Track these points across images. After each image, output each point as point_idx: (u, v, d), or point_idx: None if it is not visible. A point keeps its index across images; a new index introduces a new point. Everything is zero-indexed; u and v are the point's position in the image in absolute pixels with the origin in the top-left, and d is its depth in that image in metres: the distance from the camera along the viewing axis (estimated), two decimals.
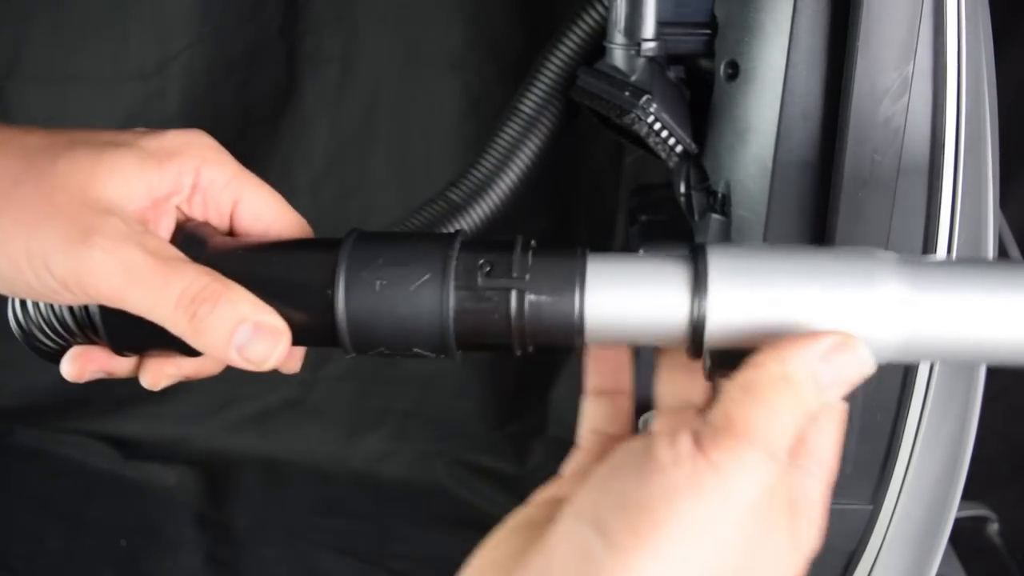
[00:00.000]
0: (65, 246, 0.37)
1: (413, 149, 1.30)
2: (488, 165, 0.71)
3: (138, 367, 0.45)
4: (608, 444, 0.42)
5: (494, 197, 0.71)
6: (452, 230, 0.70)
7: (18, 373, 1.38)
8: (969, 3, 0.56)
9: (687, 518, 0.30)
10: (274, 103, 1.28)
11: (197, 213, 0.43)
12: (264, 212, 0.44)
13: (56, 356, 0.45)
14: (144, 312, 0.38)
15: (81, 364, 0.44)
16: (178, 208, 0.43)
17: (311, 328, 0.40)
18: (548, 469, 1.53)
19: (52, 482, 1.35)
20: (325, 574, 1.24)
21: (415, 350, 0.40)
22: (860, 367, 0.35)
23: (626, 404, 0.43)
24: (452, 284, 0.38)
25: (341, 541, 1.28)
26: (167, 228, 0.42)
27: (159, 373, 0.45)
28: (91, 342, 0.44)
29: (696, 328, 0.37)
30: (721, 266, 0.37)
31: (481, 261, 0.39)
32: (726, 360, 0.38)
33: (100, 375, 0.44)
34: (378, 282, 0.39)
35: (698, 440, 0.31)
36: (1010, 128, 0.65)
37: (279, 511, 1.33)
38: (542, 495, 0.40)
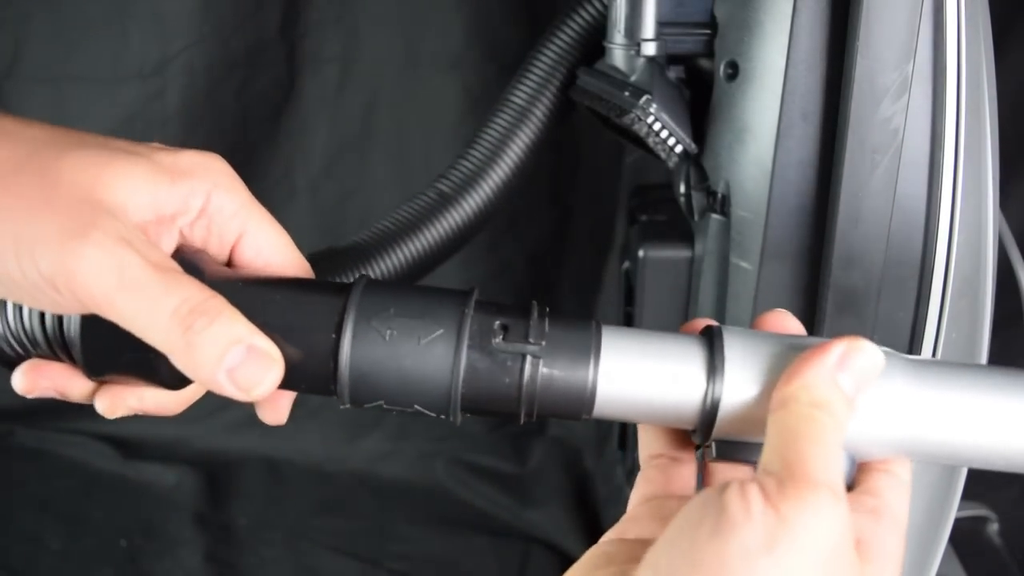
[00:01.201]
0: (59, 239, 0.35)
1: (413, 149, 1.30)
2: (479, 157, 0.70)
3: (94, 392, 0.42)
4: (671, 468, 0.42)
5: (486, 189, 0.70)
6: (443, 223, 0.69)
7: None
8: (969, 3, 0.56)
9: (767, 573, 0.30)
10: (274, 103, 1.28)
11: (198, 239, 0.41)
12: (266, 248, 0.42)
13: (12, 364, 0.42)
14: (132, 321, 0.36)
15: (33, 379, 0.41)
16: (180, 231, 0.40)
17: (308, 373, 0.38)
18: (548, 469, 1.52)
19: (52, 482, 1.34)
20: (325, 574, 1.24)
21: (416, 407, 0.38)
22: (874, 362, 0.35)
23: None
24: (466, 343, 0.37)
25: (341, 541, 1.28)
26: (167, 248, 0.40)
27: (118, 402, 0.42)
28: (56, 358, 0.41)
29: (708, 413, 0.37)
30: (736, 350, 0.37)
31: (497, 323, 0.37)
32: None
33: (51, 393, 0.42)
34: (388, 332, 0.37)
35: (766, 493, 0.31)
36: (1010, 128, 0.65)
37: (279, 511, 1.33)
38: (611, 534, 0.40)
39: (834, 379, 0.34)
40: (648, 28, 0.63)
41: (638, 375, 0.38)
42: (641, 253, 0.74)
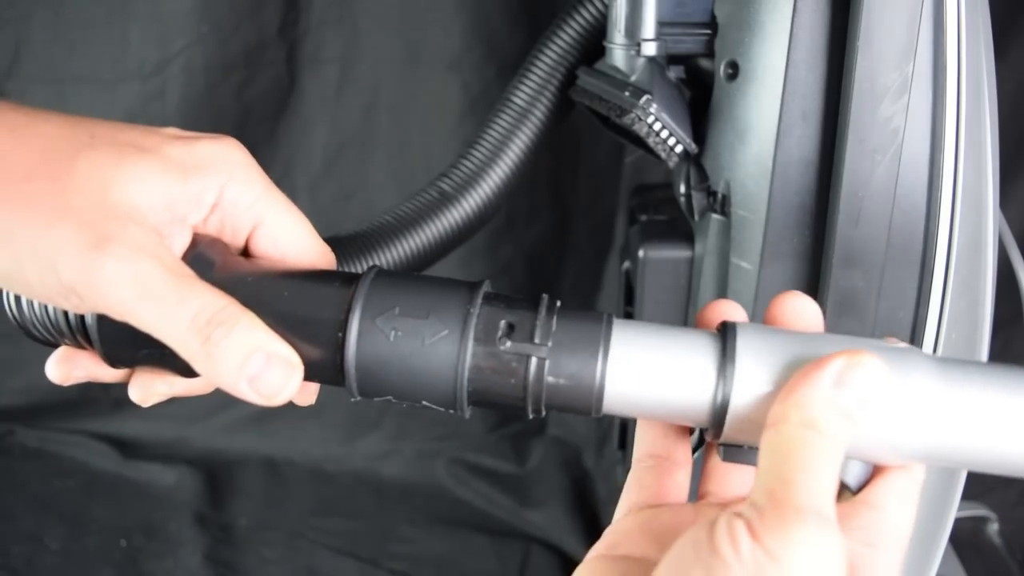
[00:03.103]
0: (77, 251, 0.35)
1: (413, 149, 1.30)
2: (480, 156, 0.71)
3: (128, 377, 0.43)
4: (665, 471, 0.41)
5: (486, 188, 0.71)
6: (445, 221, 0.70)
7: (18, 373, 1.38)
8: (969, 3, 0.56)
9: None
10: (274, 103, 1.28)
11: (212, 230, 0.41)
12: (283, 238, 0.42)
13: (50, 345, 0.43)
14: (152, 329, 0.36)
15: (67, 369, 0.42)
16: (193, 225, 0.40)
17: (319, 367, 0.38)
18: (548, 469, 1.52)
19: (52, 482, 1.35)
20: (325, 574, 1.24)
21: (424, 403, 0.38)
22: (877, 379, 0.34)
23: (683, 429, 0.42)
24: (471, 343, 0.37)
25: (341, 541, 1.29)
26: (181, 244, 0.39)
27: (149, 390, 0.43)
28: (82, 347, 0.42)
29: (719, 410, 0.36)
30: (750, 348, 0.36)
31: (503, 322, 0.37)
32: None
33: (86, 379, 0.43)
34: (392, 332, 0.37)
35: (752, 529, 0.30)
36: (1010, 128, 0.65)
37: (279, 511, 1.33)
38: (600, 548, 0.39)
39: (830, 397, 0.33)
40: (648, 28, 0.63)
41: (648, 373, 0.37)
42: (641, 253, 0.74)
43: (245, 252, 0.42)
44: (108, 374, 0.43)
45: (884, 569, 0.34)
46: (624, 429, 0.88)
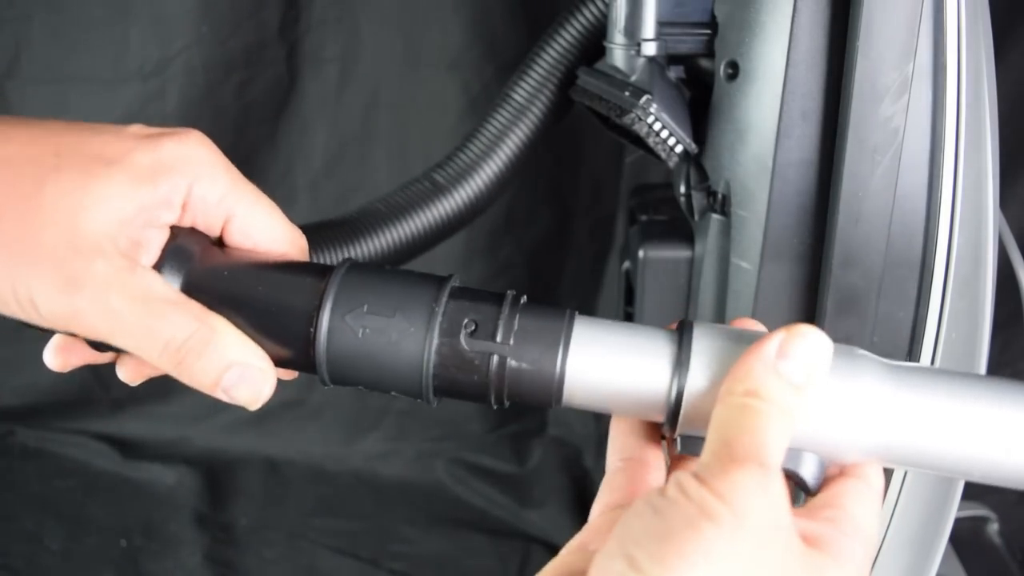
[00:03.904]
0: (53, 292, 0.37)
1: (412, 149, 1.30)
2: (475, 150, 0.71)
3: (117, 360, 0.45)
4: (638, 474, 0.42)
5: (478, 181, 0.71)
6: (436, 211, 0.70)
7: (18, 373, 1.38)
8: (969, 3, 0.56)
9: (706, 544, 0.30)
10: (274, 103, 1.28)
11: (187, 223, 0.42)
12: (255, 230, 0.43)
13: (46, 332, 0.45)
14: (131, 352, 0.39)
15: (64, 357, 0.44)
16: (167, 224, 0.41)
17: (292, 359, 0.41)
18: (548, 469, 1.52)
19: (52, 482, 1.35)
20: (325, 574, 1.24)
21: (393, 393, 0.41)
22: (820, 347, 0.35)
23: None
24: (435, 342, 0.39)
25: (341, 541, 1.29)
26: (158, 244, 0.40)
27: (137, 372, 0.45)
28: (73, 335, 0.44)
29: (674, 406, 0.37)
30: (705, 344, 0.37)
31: (466, 320, 0.39)
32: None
33: (82, 364, 0.45)
34: (361, 329, 0.39)
35: (700, 478, 0.32)
36: (1010, 128, 0.65)
37: (279, 511, 1.33)
38: (574, 543, 0.40)
39: (774, 368, 0.34)
40: (648, 28, 0.63)
41: (606, 367, 0.38)
42: (641, 253, 0.74)
43: (221, 243, 0.44)
44: (104, 357, 0.45)
45: (850, 554, 0.35)
46: None
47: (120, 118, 1.23)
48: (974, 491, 1.13)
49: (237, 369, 0.39)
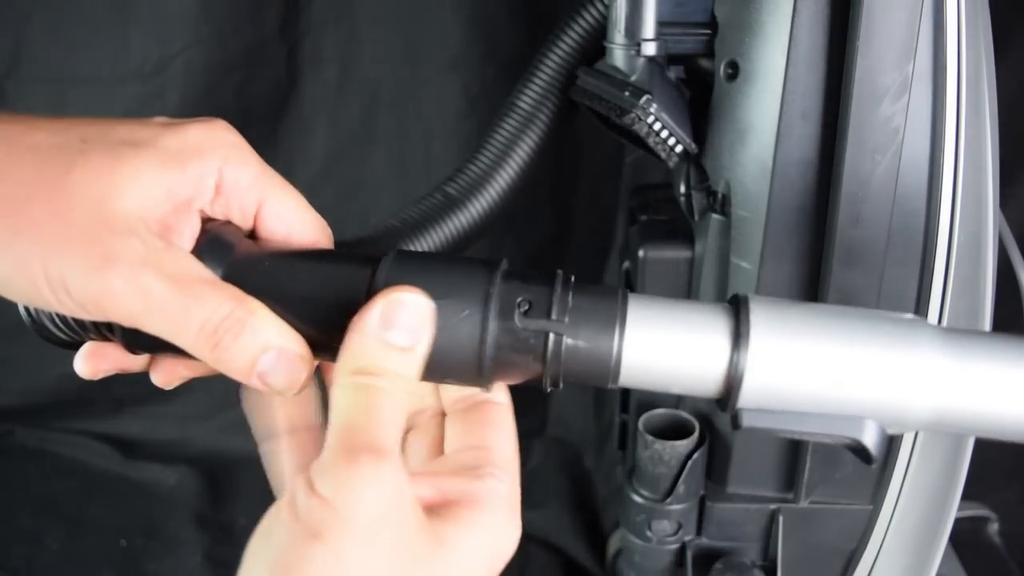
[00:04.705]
0: (85, 272, 0.36)
1: (413, 149, 1.30)
2: (486, 160, 0.72)
3: (150, 363, 0.44)
4: (308, 441, 0.43)
5: (492, 192, 0.71)
6: (451, 225, 0.70)
7: (18, 373, 1.38)
8: (969, 3, 0.56)
9: (313, 569, 0.30)
10: (274, 103, 1.28)
11: (219, 214, 0.41)
12: (288, 214, 0.42)
13: (67, 345, 0.44)
14: (164, 335, 0.37)
15: (95, 363, 0.43)
16: (200, 211, 0.40)
17: (336, 348, 0.39)
18: (548, 469, 1.52)
19: (52, 482, 1.34)
20: None
21: (448, 380, 0.40)
22: (422, 309, 0.36)
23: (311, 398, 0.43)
24: (491, 323, 0.38)
25: None
26: (191, 233, 0.39)
27: (172, 373, 0.44)
28: (104, 338, 0.43)
29: (732, 383, 0.37)
30: (761, 316, 0.37)
31: (520, 299, 0.38)
32: None
33: (114, 372, 0.44)
34: None
35: (310, 484, 0.31)
36: (1010, 128, 0.65)
37: None
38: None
39: (382, 340, 0.35)
40: (648, 28, 0.63)
41: (663, 345, 0.38)
42: (641, 253, 0.74)
43: (253, 235, 0.43)
44: (135, 363, 0.44)
45: (501, 492, 0.36)
46: (624, 429, 0.88)
47: (121, 117, 1.22)
48: (974, 491, 1.13)
49: (273, 353, 0.37)
